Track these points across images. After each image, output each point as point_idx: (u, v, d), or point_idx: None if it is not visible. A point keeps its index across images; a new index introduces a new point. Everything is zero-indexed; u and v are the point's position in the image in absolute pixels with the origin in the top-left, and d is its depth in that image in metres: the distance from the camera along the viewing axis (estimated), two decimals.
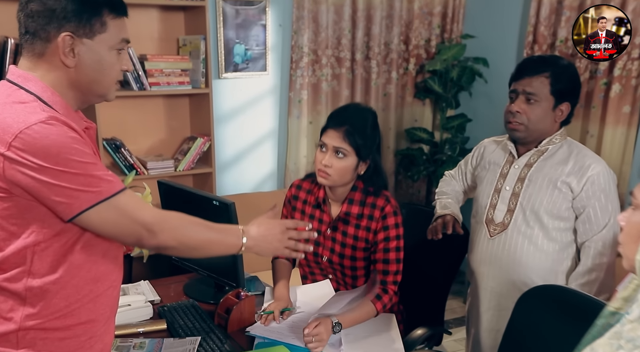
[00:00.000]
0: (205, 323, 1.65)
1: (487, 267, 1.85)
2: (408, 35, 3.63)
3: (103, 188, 1.04)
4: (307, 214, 1.82)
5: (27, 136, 0.98)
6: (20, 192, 1.02)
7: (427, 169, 3.54)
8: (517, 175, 1.78)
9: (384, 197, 1.73)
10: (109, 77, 1.14)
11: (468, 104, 3.64)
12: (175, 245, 1.16)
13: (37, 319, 1.08)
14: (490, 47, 3.50)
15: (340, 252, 1.76)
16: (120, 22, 1.14)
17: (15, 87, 1.07)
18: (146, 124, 2.92)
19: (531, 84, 1.69)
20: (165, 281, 1.99)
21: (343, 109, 1.78)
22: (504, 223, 1.79)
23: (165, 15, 2.87)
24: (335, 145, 1.65)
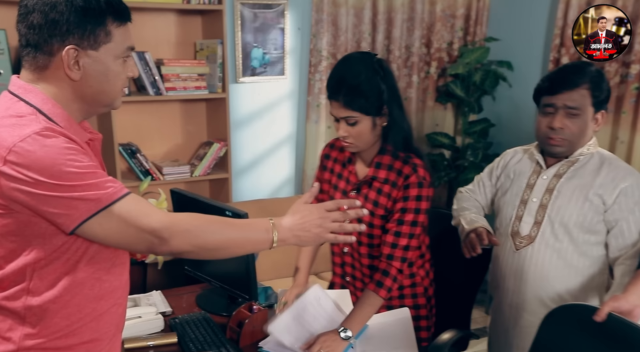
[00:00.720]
0: (216, 337, 1.61)
1: (512, 282, 1.75)
2: (430, 38, 3.55)
3: (102, 196, 0.99)
4: (336, 173, 1.73)
5: (21, 149, 0.95)
6: (19, 208, 0.98)
7: (449, 175, 3.45)
8: (546, 186, 1.68)
9: (412, 165, 1.56)
10: (115, 87, 1.11)
11: (491, 108, 3.54)
12: (191, 249, 1.08)
13: (37, 339, 1.05)
14: (515, 50, 3.40)
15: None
16: (125, 29, 1.10)
17: (16, 99, 1.04)
18: (162, 129, 2.90)
19: (572, 97, 1.58)
20: (178, 291, 1.95)
21: (335, 71, 1.58)
22: (530, 236, 1.69)
23: (183, 20, 2.84)
24: (342, 116, 1.55)
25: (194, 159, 2.92)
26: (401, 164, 1.58)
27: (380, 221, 1.62)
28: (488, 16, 3.59)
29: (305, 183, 3.31)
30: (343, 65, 1.57)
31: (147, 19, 2.72)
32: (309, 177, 3.31)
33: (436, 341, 1.82)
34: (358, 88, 1.51)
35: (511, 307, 1.78)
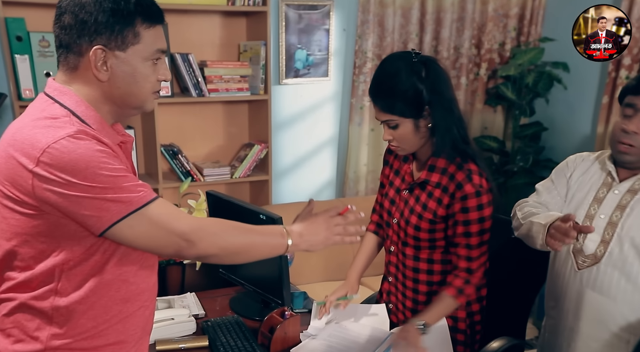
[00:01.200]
0: (248, 342, 1.58)
1: (573, 304, 1.59)
2: (480, 38, 3.42)
3: (133, 199, 1.00)
4: (394, 169, 1.70)
5: (55, 150, 0.96)
6: (50, 210, 0.99)
7: (497, 181, 3.31)
8: (617, 202, 1.51)
9: (465, 171, 1.49)
10: (144, 89, 1.10)
11: (544, 111, 3.38)
12: (217, 252, 1.11)
13: (63, 339, 1.05)
14: (572, 51, 3.17)
15: (407, 217, 1.60)
16: (155, 31, 1.09)
17: (51, 101, 1.05)
18: (204, 130, 2.91)
19: None
20: (213, 293, 1.94)
21: (375, 73, 1.54)
22: (595, 255, 1.52)
23: (227, 21, 2.85)
24: (383, 120, 1.52)
25: (235, 160, 2.92)
26: (455, 168, 1.51)
27: (427, 225, 1.57)
28: (544, 15, 3.43)
29: (347, 186, 3.25)
30: (381, 66, 1.53)
31: (192, 21, 2.74)
32: (350, 180, 3.25)
33: (486, 348, 1.73)
34: (393, 90, 1.47)
35: (572, 331, 1.60)
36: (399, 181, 1.67)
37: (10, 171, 0.99)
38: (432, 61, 1.52)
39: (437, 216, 1.55)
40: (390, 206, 1.67)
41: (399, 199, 1.65)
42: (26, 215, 1.00)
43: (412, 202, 1.59)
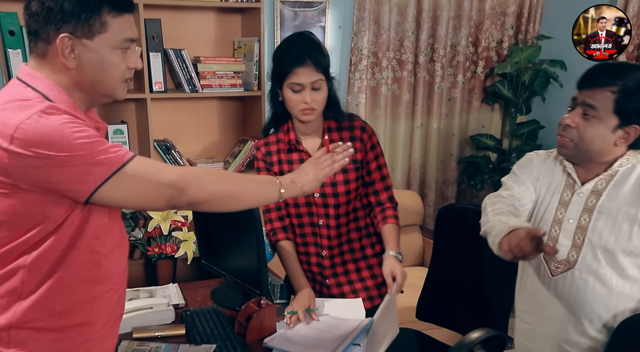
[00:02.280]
0: (224, 330, 1.60)
1: (549, 310, 1.56)
2: (477, 36, 3.42)
3: (113, 159, 1.02)
4: (285, 161, 1.79)
5: (28, 126, 0.97)
6: (29, 186, 1.00)
7: (492, 178, 3.30)
8: (583, 204, 1.48)
9: (356, 117, 1.80)
10: (112, 78, 1.11)
11: (541, 109, 3.36)
12: (207, 197, 1.12)
13: (31, 317, 1.06)
14: (569, 49, 3.17)
15: (332, 181, 1.75)
16: (124, 20, 1.09)
17: (23, 85, 1.07)
18: (198, 126, 2.94)
19: (593, 96, 1.40)
20: (195, 284, 1.97)
21: (294, 45, 1.67)
22: (568, 261, 1.49)
23: (222, 17, 2.87)
24: (312, 80, 1.64)
25: (229, 156, 2.95)
26: (347, 121, 1.77)
27: (355, 174, 1.77)
28: (542, 13, 3.42)
29: None
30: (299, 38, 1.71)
31: (187, 17, 2.77)
32: None
33: (464, 338, 1.74)
34: (321, 51, 1.68)
35: (548, 336, 1.58)
36: (298, 165, 1.68)
37: None
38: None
39: (357, 161, 1.76)
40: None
41: None
42: (1, 196, 1.01)
43: None
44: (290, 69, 1.63)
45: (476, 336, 1.76)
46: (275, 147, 1.80)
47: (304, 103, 1.66)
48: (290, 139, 1.76)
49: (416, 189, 3.47)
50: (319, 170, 1.31)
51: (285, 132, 1.78)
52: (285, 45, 1.72)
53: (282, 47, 1.73)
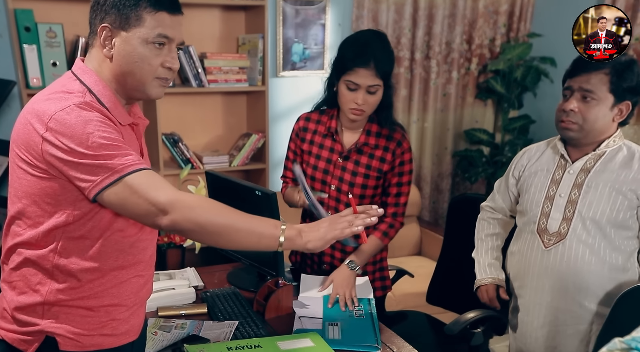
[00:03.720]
0: (244, 309, 1.69)
1: (544, 280, 1.69)
2: (471, 34, 3.54)
3: (117, 166, 1.05)
4: (317, 143, 1.85)
5: (60, 117, 1.04)
6: (56, 173, 1.07)
7: (486, 171, 3.43)
8: (573, 181, 1.63)
9: (400, 131, 1.80)
10: (143, 71, 1.14)
11: (532, 105, 3.50)
12: (192, 227, 1.08)
13: (61, 295, 1.13)
14: (559, 46, 3.34)
15: (350, 181, 1.80)
16: (160, 16, 1.13)
17: (74, 78, 1.14)
18: (204, 120, 3.02)
19: (589, 80, 1.55)
20: (211, 268, 2.05)
21: (364, 44, 1.67)
22: (560, 233, 1.63)
23: (227, 15, 2.96)
24: (369, 84, 1.66)
25: (233, 149, 3.04)
26: (389, 130, 1.78)
27: (374, 182, 1.80)
28: (532, 12, 3.55)
29: None
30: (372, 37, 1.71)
31: (193, 15, 2.85)
32: None
33: (460, 317, 1.85)
34: (388, 57, 1.70)
35: (542, 306, 1.71)
36: (327, 152, 1.82)
37: (26, 136, 1.07)
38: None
39: (381, 172, 1.79)
40: (325, 176, 1.83)
41: (333, 168, 1.82)
42: (37, 177, 1.08)
43: (352, 167, 1.79)
44: (352, 67, 1.65)
45: (471, 316, 1.88)
46: (314, 127, 1.86)
47: (355, 103, 1.68)
48: (331, 125, 1.81)
49: (413, 182, 3.58)
50: (331, 230, 1.19)
51: (329, 117, 1.82)
52: (355, 41, 1.70)
53: (351, 41, 1.72)
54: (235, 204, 1.14)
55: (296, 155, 1.91)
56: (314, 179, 1.84)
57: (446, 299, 2.34)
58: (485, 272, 1.86)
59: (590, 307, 1.63)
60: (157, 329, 1.56)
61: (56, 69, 2.47)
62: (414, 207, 3.34)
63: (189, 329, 1.57)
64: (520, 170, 1.79)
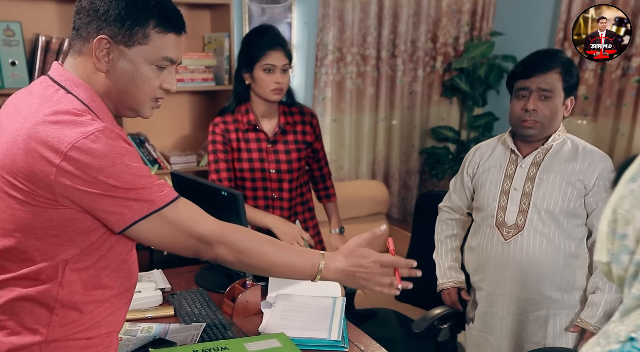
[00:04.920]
0: (211, 310, 1.68)
1: (505, 272, 1.75)
2: (436, 33, 3.59)
3: (156, 199, 1.01)
4: (243, 139, 2.01)
5: (84, 146, 0.95)
6: (69, 204, 0.98)
7: (452, 168, 3.49)
8: (525, 174, 1.71)
9: (303, 105, 2.09)
10: (142, 92, 1.08)
11: (496, 102, 3.57)
12: (233, 261, 1.12)
13: (63, 331, 1.07)
14: (520, 45, 3.42)
15: (287, 159, 2.02)
16: (167, 38, 1.07)
17: (63, 92, 1.03)
18: (171, 119, 2.99)
19: (545, 80, 1.64)
20: (179, 270, 2.04)
21: (267, 32, 1.94)
22: (517, 225, 1.71)
23: (192, 13, 2.93)
24: (283, 63, 1.92)
25: (201, 149, 3.01)
26: (296, 106, 2.05)
27: (304, 153, 2.07)
28: (494, 11, 3.63)
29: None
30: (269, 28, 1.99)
31: None
32: None
33: (426, 313, 1.90)
34: (287, 43, 1.97)
35: (505, 296, 1.77)
36: (255, 143, 2.01)
37: (27, 164, 0.96)
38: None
39: (306, 142, 2.05)
40: (262, 164, 2.02)
41: (266, 154, 2.02)
42: (39, 207, 0.98)
43: (283, 147, 2.03)
44: (264, 52, 1.88)
45: (437, 312, 1.93)
46: (233, 126, 2.02)
47: (275, 83, 1.89)
48: (249, 119, 1.99)
49: (381, 180, 3.62)
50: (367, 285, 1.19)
51: (243, 113, 2.00)
52: (258, 32, 1.96)
53: (254, 33, 1.96)
54: (202, 205, 1.16)
55: (227, 153, 2.02)
56: (254, 170, 2.02)
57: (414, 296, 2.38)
58: (446, 276, 1.95)
59: (548, 294, 1.72)
60: (122, 334, 1.55)
61: (15, 68, 2.40)
62: (382, 205, 3.38)
63: (155, 332, 1.56)
64: (474, 168, 1.86)
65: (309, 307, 1.71)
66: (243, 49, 1.97)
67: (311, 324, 1.61)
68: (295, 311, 1.70)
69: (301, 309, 1.71)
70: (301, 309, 1.71)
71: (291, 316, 1.68)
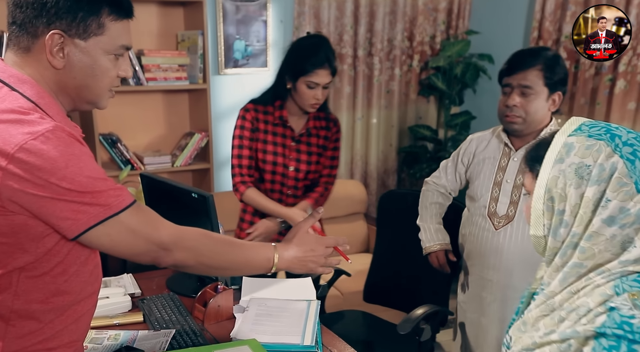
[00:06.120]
0: (182, 316, 1.64)
1: (494, 259, 1.83)
2: (412, 31, 3.58)
3: (112, 203, 0.96)
4: (270, 132, 2.07)
5: (33, 147, 0.89)
6: (17, 210, 0.93)
7: (430, 167, 3.48)
8: (517, 167, 1.78)
9: (332, 115, 2.15)
10: (101, 83, 1.03)
11: (472, 101, 3.58)
12: (194, 264, 1.12)
13: (19, 345, 1.01)
14: (495, 43, 3.44)
15: (307, 160, 2.09)
16: (122, 25, 1.03)
17: (7, 89, 0.97)
18: (144, 119, 2.93)
19: (526, 77, 1.70)
20: (150, 274, 1.99)
21: (318, 48, 1.96)
22: (508, 215, 1.79)
23: (165, 11, 2.88)
24: (326, 82, 1.97)
25: (176, 149, 2.96)
26: (324, 112, 2.11)
27: (321, 158, 2.12)
28: (470, 10, 3.63)
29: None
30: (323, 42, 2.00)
31: None
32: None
33: (409, 314, 1.89)
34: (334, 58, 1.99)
35: (492, 282, 1.85)
36: (280, 138, 2.06)
37: None
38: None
39: (325, 148, 2.11)
40: (283, 159, 2.06)
41: (288, 151, 2.08)
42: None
43: (305, 148, 2.09)
44: (312, 70, 1.93)
45: (421, 312, 1.92)
46: (263, 117, 2.07)
47: (315, 99, 1.96)
48: (282, 115, 2.05)
49: (359, 179, 3.61)
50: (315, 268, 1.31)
51: (276, 108, 2.05)
52: (311, 47, 1.98)
53: (306, 46, 2.00)
54: (172, 207, 1.13)
55: (251, 141, 2.06)
56: (275, 164, 2.06)
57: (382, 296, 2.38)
58: (433, 239, 2.00)
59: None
60: (88, 343, 1.50)
61: None
62: (360, 205, 3.36)
63: (122, 340, 1.51)
64: (469, 157, 1.93)
65: (283, 311, 1.68)
66: (291, 58, 2.00)
67: (284, 328, 1.58)
68: (269, 315, 1.67)
69: (275, 313, 1.67)
70: (275, 313, 1.68)
71: (264, 320, 1.65)
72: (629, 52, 2.62)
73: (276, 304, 1.71)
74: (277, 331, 1.56)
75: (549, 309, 0.96)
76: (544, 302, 0.98)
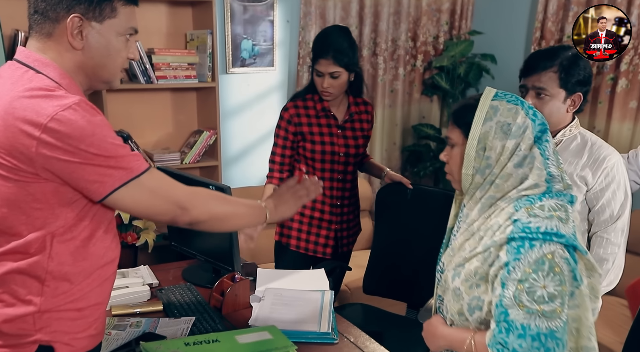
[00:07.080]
0: (200, 305, 1.69)
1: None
2: (416, 32, 3.64)
3: (134, 166, 1.06)
4: (315, 124, 2.14)
5: (63, 117, 0.99)
6: (50, 176, 1.02)
7: (434, 165, 3.54)
8: None
9: (367, 98, 2.27)
10: (115, 63, 1.15)
11: None
12: (207, 219, 1.20)
13: (55, 302, 1.09)
14: (498, 44, 3.50)
15: (355, 144, 2.18)
16: (130, 10, 1.14)
17: (33, 72, 1.07)
18: (154, 117, 2.97)
19: (540, 79, 1.66)
20: (165, 266, 2.03)
21: (324, 38, 2.06)
22: None
23: (174, 10, 2.92)
24: (330, 71, 2.02)
25: (185, 146, 3.00)
26: (361, 98, 2.22)
27: (366, 141, 2.24)
28: (473, 10, 3.69)
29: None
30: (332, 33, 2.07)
31: (139, 9, 2.75)
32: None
33: (427, 304, 1.92)
34: (345, 49, 2.02)
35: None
36: (326, 128, 2.14)
37: (9, 139, 1.00)
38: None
39: (368, 130, 2.22)
40: (332, 147, 2.14)
41: (336, 138, 2.15)
42: (22, 182, 1.02)
43: (351, 133, 2.18)
44: (317, 59, 2.04)
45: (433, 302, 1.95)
46: (304, 111, 2.15)
47: (322, 87, 2.05)
48: (324, 106, 2.13)
49: (363, 177, 3.65)
50: (298, 199, 1.43)
51: (316, 101, 2.14)
52: (320, 36, 2.11)
53: (318, 36, 2.12)
54: None
55: (286, 141, 2.15)
56: (324, 152, 2.14)
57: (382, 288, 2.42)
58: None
59: None
60: (111, 329, 1.54)
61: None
62: (365, 202, 3.40)
63: (144, 327, 1.55)
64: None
65: (298, 301, 1.72)
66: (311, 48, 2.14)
67: (301, 317, 1.62)
68: (284, 304, 1.72)
69: (290, 303, 1.72)
70: (290, 302, 1.72)
71: (280, 309, 1.69)
72: (630, 52, 2.68)
73: (291, 294, 1.76)
74: (293, 319, 1.60)
75: (470, 233, 1.26)
76: (466, 229, 1.28)
